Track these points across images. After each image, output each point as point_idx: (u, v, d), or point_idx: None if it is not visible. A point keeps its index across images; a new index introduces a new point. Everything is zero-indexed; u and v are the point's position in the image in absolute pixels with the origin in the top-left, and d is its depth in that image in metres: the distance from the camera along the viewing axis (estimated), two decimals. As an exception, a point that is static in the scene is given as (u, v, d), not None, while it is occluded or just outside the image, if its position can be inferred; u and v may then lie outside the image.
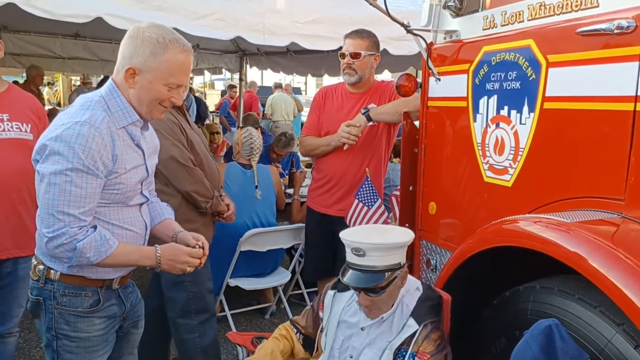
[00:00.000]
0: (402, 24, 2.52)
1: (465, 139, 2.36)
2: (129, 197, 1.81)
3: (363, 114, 2.96)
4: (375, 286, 1.83)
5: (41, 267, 1.78)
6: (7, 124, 2.45)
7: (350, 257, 1.88)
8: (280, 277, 3.75)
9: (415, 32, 2.54)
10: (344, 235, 1.91)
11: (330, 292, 2.13)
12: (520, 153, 2.07)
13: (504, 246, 1.81)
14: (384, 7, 2.41)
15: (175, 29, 3.10)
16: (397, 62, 4.89)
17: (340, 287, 2.10)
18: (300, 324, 2.21)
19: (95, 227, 1.71)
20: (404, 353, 1.81)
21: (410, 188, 2.76)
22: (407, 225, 2.75)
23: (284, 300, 3.88)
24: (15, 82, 8.69)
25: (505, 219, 1.93)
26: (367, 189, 2.94)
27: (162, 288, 2.82)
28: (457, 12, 2.48)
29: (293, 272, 3.97)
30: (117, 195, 1.76)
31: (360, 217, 2.98)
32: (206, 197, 2.74)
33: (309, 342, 2.15)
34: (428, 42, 2.59)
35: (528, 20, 2.07)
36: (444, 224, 2.56)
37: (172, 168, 2.62)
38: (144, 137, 1.87)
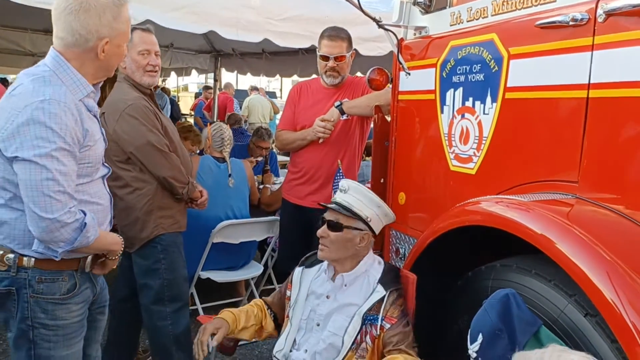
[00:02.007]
0: (374, 19, 2.60)
1: (433, 130, 2.46)
2: (97, 169, 1.82)
3: (336, 107, 3.03)
4: (338, 217, 2.03)
5: (11, 255, 1.72)
6: None
7: (335, 197, 2.12)
8: (252, 270, 3.78)
9: (386, 27, 2.64)
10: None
11: (298, 269, 2.24)
12: (484, 142, 2.16)
13: (472, 229, 1.90)
14: (356, 2, 2.49)
15: (149, 20, 3.17)
16: (369, 64, 4.99)
17: (308, 263, 2.22)
18: (268, 301, 2.31)
19: None
20: (373, 317, 1.91)
21: (382, 180, 2.84)
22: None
23: (257, 294, 3.90)
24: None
25: (469, 201, 2.03)
26: (339, 180, 3.01)
27: (135, 276, 2.82)
28: (426, 9, 2.58)
29: (266, 267, 4.01)
30: (88, 169, 1.76)
31: None
32: (182, 182, 2.77)
33: (277, 321, 2.25)
34: (399, 38, 2.69)
35: (492, 15, 2.18)
36: (413, 213, 2.64)
37: (149, 154, 2.63)
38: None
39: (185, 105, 17.02)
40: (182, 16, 3.33)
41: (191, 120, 10.32)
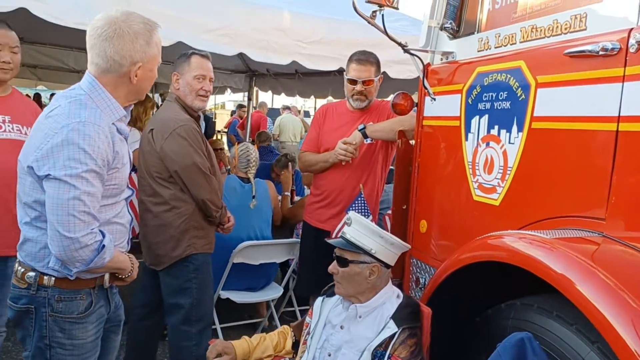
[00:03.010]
0: (399, 44, 2.57)
1: (457, 157, 2.38)
2: (122, 190, 1.84)
3: (359, 130, 2.99)
4: (343, 252, 1.99)
5: (31, 273, 1.74)
6: (8, 126, 2.51)
7: (342, 230, 2.07)
8: (272, 292, 3.74)
9: (412, 52, 2.59)
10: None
11: (319, 299, 2.20)
12: (509, 172, 2.08)
13: (492, 262, 1.82)
14: (382, 27, 2.46)
15: (180, 42, 3.22)
16: (398, 86, 4.94)
17: (329, 293, 2.17)
18: (293, 325, 2.29)
19: None
20: (382, 354, 1.84)
21: (404, 207, 2.77)
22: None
23: (276, 316, 3.86)
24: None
25: (491, 234, 1.94)
26: (360, 204, 2.96)
27: (163, 295, 2.82)
28: (454, 34, 2.53)
29: (286, 289, 3.96)
30: (114, 190, 1.78)
31: None
32: (217, 206, 2.80)
33: (296, 345, 2.21)
34: (425, 62, 2.64)
35: (520, 42, 2.11)
36: (434, 242, 2.56)
37: (193, 175, 2.67)
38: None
39: (222, 122, 17.31)
40: (214, 38, 3.37)
41: (224, 138, 10.47)
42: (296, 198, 4.69)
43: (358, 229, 1.97)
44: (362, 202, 3.00)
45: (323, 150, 3.16)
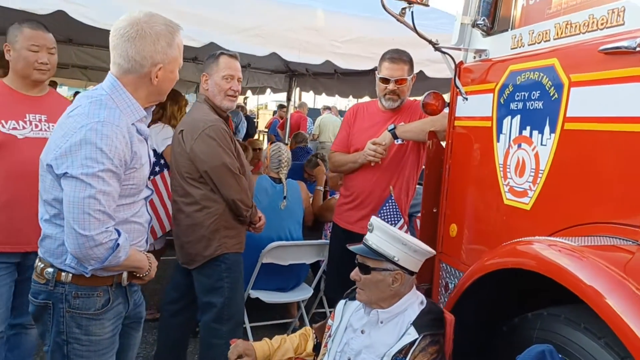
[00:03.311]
0: (430, 42, 2.50)
1: (488, 159, 2.30)
2: (140, 190, 1.85)
3: (389, 130, 2.93)
4: (365, 259, 1.94)
5: (50, 269, 1.77)
6: (45, 124, 2.58)
7: (365, 236, 2.02)
8: (302, 293, 3.72)
9: (443, 50, 2.52)
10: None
11: (342, 302, 2.17)
12: (540, 175, 1.99)
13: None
14: (412, 25, 2.40)
15: (213, 43, 3.24)
16: (435, 85, 4.83)
17: (351, 296, 2.13)
18: (315, 327, 2.26)
19: None
20: None
21: (434, 210, 2.70)
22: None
23: (306, 317, 3.84)
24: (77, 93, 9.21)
25: (519, 240, 1.85)
26: (390, 207, 2.89)
27: (196, 293, 2.85)
28: (488, 32, 2.44)
29: (318, 290, 3.93)
30: (132, 190, 1.79)
31: None
32: (248, 206, 2.82)
33: (317, 347, 2.19)
34: (458, 61, 2.56)
35: (554, 39, 2.01)
36: (464, 247, 2.47)
37: (223, 175, 2.69)
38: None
39: (264, 123, 17.48)
40: (245, 38, 3.37)
41: (265, 138, 10.56)
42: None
43: (380, 235, 1.92)
44: (393, 204, 2.93)
45: (353, 150, 3.11)
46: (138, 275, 1.90)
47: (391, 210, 2.93)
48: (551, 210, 1.94)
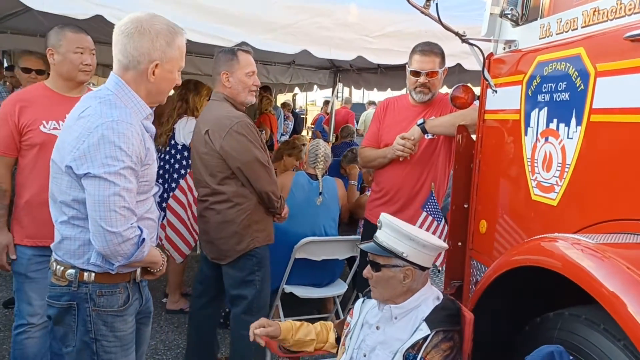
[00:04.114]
0: (457, 34, 2.45)
1: (516, 153, 2.23)
2: (151, 187, 1.89)
3: (418, 125, 2.88)
4: (375, 257, 1.94)
5: (71, 270, 1.79)
6: None
7: (375, 234, 2.00)
8: (336, 289, 3.72)
9: (470, 42, 2.46)
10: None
11: (360, 299, 2.17)
12: (567, 170, 1.91)
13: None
14: (436, 17, 2.35)
15: (244, 42, 3.28)
16: (472, 78, 4.70)
17: (369, 294, 2.12)
18: (335, 323, 2.27)
19: None
20: (413, 357, 1.78)
21: (465, 206, 2.64)
22: (459, 244, 2.64)
23: (341, 312, 3.85)
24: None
25: (542, 236, 1.79)
26: (432, 205, 2.86)
27: (226, 287, 2.91)
28: (517, 22, 2.36)
29: (354, 285, 3.93)
30: (145, 186, 1.83)
31: (431, 230, 2.87)
32: (277, 197, 2.86)
33: (338, 340, 2.19)
34: (487, 52, 2.49)
35: (582, 27, 1.93)
36: (494, 243, 2.41)
37: (256, 169, 2.74)
38: None
39: (312, 118, 17.55)
40: (277, 37, 3.39)
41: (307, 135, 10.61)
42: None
43: (388, 232, 1.90)
44: (434, 203, 2.89)
45: (383, 145, 3.08)
46: (151, 270, 1.95)
47: (433, 207, 2.89)
48: (578, 207, 1.86)
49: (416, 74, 2.97)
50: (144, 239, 1.77)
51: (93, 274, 1.79)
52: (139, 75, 1.79)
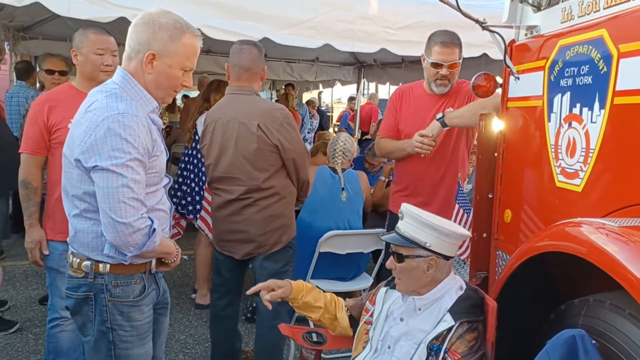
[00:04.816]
0: (476, 21, 2.42)
1: (540, 140, 2.19)
2: (161, 178, 1.91)
3: (438, 119, 2.84)
4: (398, 248, 1.92)
5: (87, 262, 1.82)
6: None
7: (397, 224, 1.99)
8: (361, 283, 3.72)
9: (491, 28, 2.42)
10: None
11: (383, 289, 2.15)
12: (591, 155, 1.87)
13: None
14: (455, 4, 2.33)
15: (266, 38, 3.31)
16: (497, 67, 4.62)
17: (393, 285, 2.11)
18: (348, 303, 2.23)
19: None
20: (438, 348, 1.77)
21: (490, 195, 2.61)
22: (484, 235, 2.61)
23: (368, 306, 3.84)
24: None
25: (565, 221, 1.76)
26: (462, 198, 2.84)
27: (257, 278, 2.86)
28: (538, 7, 2.32)
29: (379, 279, 3.92)
30: (155, 178, 1.85)
31: (462, 223, 2.86)
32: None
33: (352, 320, 2.17)
34: (508, 39, 2.45)
35: (604, 8, 1.89)
36: (519, 233, 2.38)
37: (305, 159, 2.81)
38: None
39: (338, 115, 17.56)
40: (298, 32, 3.41)
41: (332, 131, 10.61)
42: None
43: (410, 222, 1.88)
44: (463, 195, 2.86)
45: (404, 136, 3.05)
46: (166, 261, 1.97)
47: (463, 200, 2.87)
48: (603, 192, 1.82)
49: (438, 65, 2.93)
50: (154, 229, 1.78)
51: (108, 265, 1.81)
52: (140, 66, 1.80)
